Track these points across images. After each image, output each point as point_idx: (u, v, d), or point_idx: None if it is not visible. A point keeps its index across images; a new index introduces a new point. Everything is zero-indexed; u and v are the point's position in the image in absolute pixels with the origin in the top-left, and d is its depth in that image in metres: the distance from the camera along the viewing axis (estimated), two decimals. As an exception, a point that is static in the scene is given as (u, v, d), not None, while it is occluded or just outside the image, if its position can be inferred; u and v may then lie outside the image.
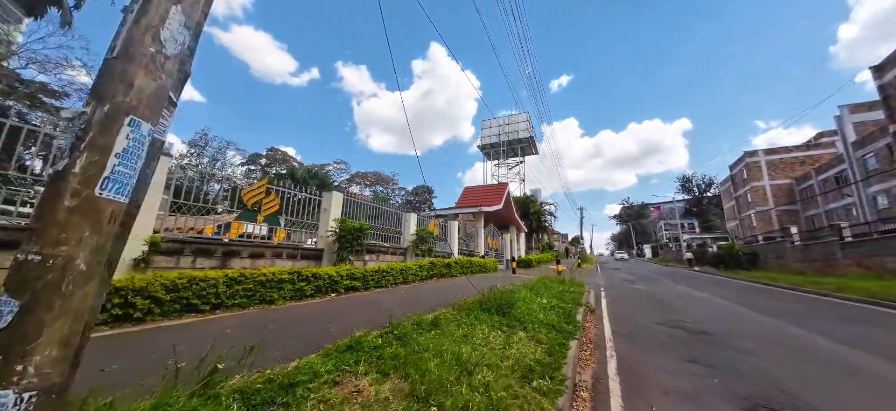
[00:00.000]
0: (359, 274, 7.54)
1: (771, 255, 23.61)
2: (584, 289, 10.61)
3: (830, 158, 34.97)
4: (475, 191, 22.81)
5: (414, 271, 9.84)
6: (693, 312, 7.96)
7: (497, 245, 21.93)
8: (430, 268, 10.74)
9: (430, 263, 10.81)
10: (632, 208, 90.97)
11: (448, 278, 11.77)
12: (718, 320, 7.12)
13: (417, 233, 11.56)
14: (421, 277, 10.23)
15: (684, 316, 7.52)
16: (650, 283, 15.34)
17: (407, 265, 9.75)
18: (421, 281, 10.21)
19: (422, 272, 10.30)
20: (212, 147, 52.93)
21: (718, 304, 9.37)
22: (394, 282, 8.65)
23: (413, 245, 11.41)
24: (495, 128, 39.70)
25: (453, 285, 9.91)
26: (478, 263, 14.57)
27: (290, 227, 8.26)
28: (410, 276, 9.64)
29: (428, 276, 10.69)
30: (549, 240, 42.83)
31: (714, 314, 7.86)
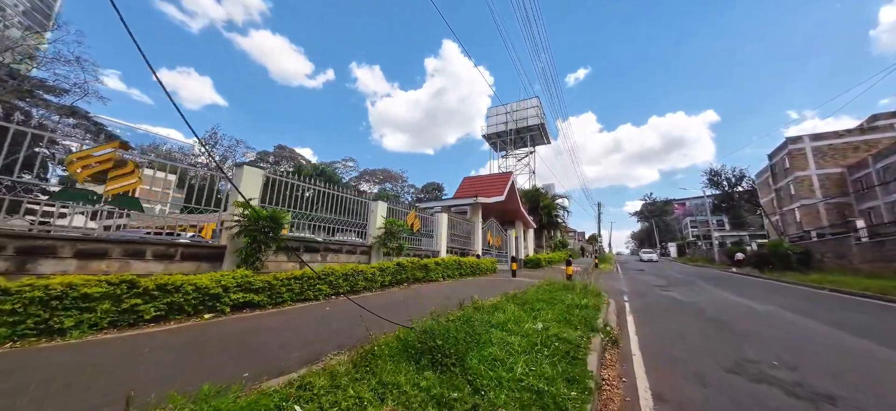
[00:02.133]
0: (260, 283, 5.09)
1: (828, 254, 19.77)
2: (601, 300, 7.84)
3: (891, 142, 30.09)
4: (474, 181, 20.17)
5: (370, 275, 7.35)
6: (772, 343, 5.11)
7: (499, 242, 19.19)
8: (396, 271, 8.23)
9: (397, 265, 8.30)
10: (654, 204, 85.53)
11: (424, 283, 9.23)
12: (825, 362, 4.27)
13: (386, 227, 9.06)
14: (381, 284, 7.73)
15: (762, 350, 4.70)
16: (686, 289, 12.27)
17: (360, 268, 7.26)
18: (381, 288, 7.71)
19: (383, 277, 7.79)
20: (221, 145, 52.56)
21: (800, 326, 6.40)
22: (331, 293, 6.16)
23: (379, 241, 8.92)
24: (503, 115, 36.36)
25: (424, 296, 7.36)
26: (470, 264, 11.94)
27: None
28: (362, 283, 7.15)
29: (393, 282, 8.18)
30: (562, 237, 39.47)
31: (808, 346, 4.99)
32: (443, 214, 12.52)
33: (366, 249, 9.00)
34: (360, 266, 7.49)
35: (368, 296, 6.90)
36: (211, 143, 51.47)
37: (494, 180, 19.69)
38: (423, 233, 12.15)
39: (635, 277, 17.55)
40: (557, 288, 8.95)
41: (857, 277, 15.28)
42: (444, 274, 10.26)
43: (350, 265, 7.51)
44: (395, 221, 9.12)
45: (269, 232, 5.65)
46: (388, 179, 73.13)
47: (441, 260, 10.35)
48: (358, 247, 8.77)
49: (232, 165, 27.95)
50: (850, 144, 33.71)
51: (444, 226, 12.53)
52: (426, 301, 6.68)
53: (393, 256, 9.18)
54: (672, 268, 29.64)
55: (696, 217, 75.11)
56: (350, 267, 7.27)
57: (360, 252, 8.82)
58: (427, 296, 7.25)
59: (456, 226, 15.20)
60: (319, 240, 7.70)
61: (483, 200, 15.48)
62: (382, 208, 9.40)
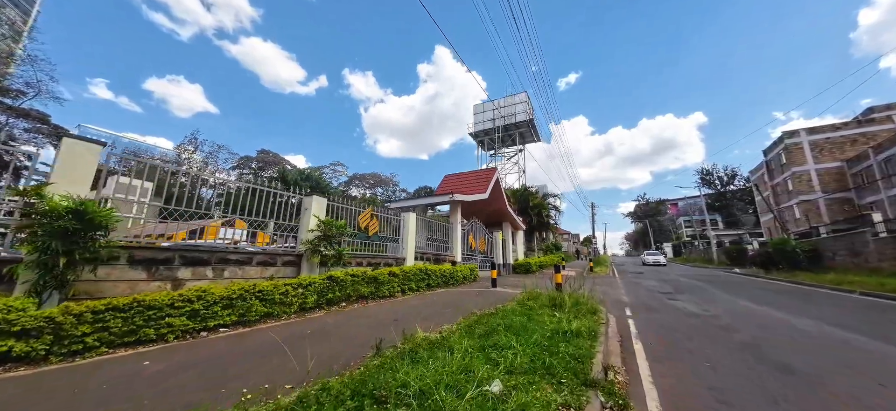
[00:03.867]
0: (36, 322, 2.97)
1: (841, 251, 17.96)
2: (598, 320, 5.81)
3: (889, 135, 28.68)
4: (456, 179, 18.15)
5: (280, 296, 5.23)
6: (844, 382, 3.05)
7: (484, 246, 17.12)
8: (326, 287, 6.11)
9: (326, 280, 6.16)
10: (648, 205, 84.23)
11: (372, 301, 7.10)
12: None
13: (323, 229, 6.94)
14: (300, 306, 5.61)
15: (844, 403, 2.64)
16: (696, 297, 10.28)
17: (265, 286, 5.14)
18: (299, 313, 5.60)
19: (304, 296, 5.69)
20: (202, 150, 50.14)
21: (875, 353, 4.38)
22: (193, 328, 4.03)
23: (311, 248, 6.79)
24: (490, 112, 34.31)
25: (350, 325, 5.26)
26: (442, 273, 9.85)
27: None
28: (261, 308, 5.00)
29: (322, 303, 6.05)
30: (554, 239, 37.49)
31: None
32: (409, 214, 10.42)
33: (293, 259, 6.86)
34: (269, 284, 5.36)
35: (265, 328, 4.78)
36: (191, 149, 49.09)
37: (477, 177, 17.67)
38: (387, 238, 10.05)
39: (635, 283, 15.54)
40: (542, 303, 6.89)
41: (881, 277, 13.44)
42: (403, 287, 8.15)
43: (264, 282, 5.40)
44: (332, 222, 6.99)
45: (79, 235, 3.51)
46: (378, 183, 71.00)
47: (401, 269, 8.24)
48: (279, 256, 6.62)
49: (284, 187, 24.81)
50: (848, 138, 32.30)
51: (412, 228, 10.44)
52: (346, 335, 4.59)
53: (333, 266, 7.05)
54: (672, 269, 27.74)
55: (691, 216, 73.79)
56: (262, 285, 5.15)
57: (284, 262, 6.68)
58: (354, 326, 5.14)
59: (431, 229, 13.12)
60: (203, 247, 5.53)
61: (461, 198, 13.42)
62: (318, 205, 7.28)
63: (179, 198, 5.57)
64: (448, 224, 13.40)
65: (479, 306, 6.91)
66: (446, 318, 5.52)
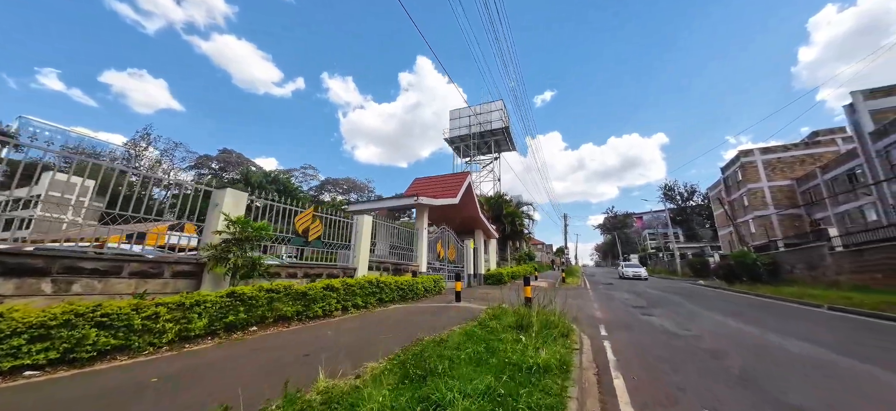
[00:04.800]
0: None
1: (799, 265, 18.35)
2: (570, 344, 4.74)
3: (833, 157, 30.71)
4: (425, 182, 16.99)
5: (141, 322, 3.75)
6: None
7: (454, 255, 15.95)
8: (224, 307, 4.68)
9: (225, 298, 4.72)
10: (616, 217, 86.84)
11: (298, 324, 5.69)
12: None
13: (235, 230, 5.47)
14: (176, 336, 4.13)
15: None
16: (671, 312, 9.58)
17: (109, 307, 3.63)
18: (174, 345, 4.11)
19: (186, 322, 4.20)
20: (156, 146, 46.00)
21: (884, 382, 3.56)
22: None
23: (215, 253, 5.28)
24: (466, 118, 33.64)
25: (245, 362, 3.88)
26: (399, 286, 8.52)
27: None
28: (106, 341, 3.49)
29: (213, 330, 4.62)
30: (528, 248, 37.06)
31: None
32: (363, 217, 9.05)
33: (190, 269, 5.32)
34: (127, 303, 3.85)
35: (102, 371, 3.29)
36: (143, 145, 44.91)
37: (448, 181, 16.57)
38: (338, 245, 8.61)
39: (608, 295, 14.88)
40: (507, 323, 5.76)
41: (841, 291, 13.55)
42: (344, 303, 6.75)
43: (118, 302, 3.89)
44: (246, 222, 5.52)
45: None
46: (353, 189, 68.48)
47: (344, 283, 6.84)
48: (168, 264, 5.07)
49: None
50: (797, 158, 34.36)
51: (366, 234, 9.06)
52: (216, 384, 3.20)
53: (247, 278, 5.57)
54: (641, 281, 27.80)
55: (655, 229, 76.68)
56: (112, 306, 3.65)
57: (176, 273, 5.13)
58: (241, 366, 3.75)
59: (395, 236, 11.77)
60: (40, 251, 3.95)
61: (427, 201, 12.20)
62: (233, 200, 5.78)
63: (127, 198, 5.12)
64: (410, 230, 12.11)
65: (433, 328, 5.66)
66: (381, 348, 4.24)
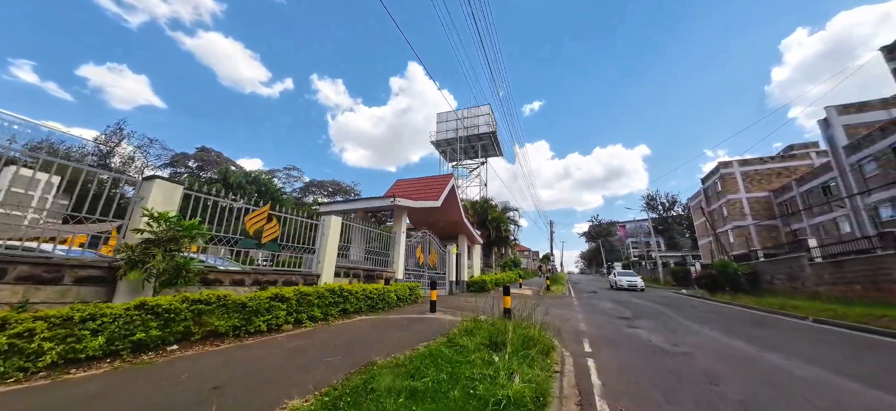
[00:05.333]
0: None
1: (779, 275, 18.34)
2: (551, 364, 4.03)
3: (807, 170, 31.57)
4: (407, 184, 16.21)
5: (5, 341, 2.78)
6: None
7: (435, 261, 15.14)
8: (131, 323, 3.75)
9: (133, 311, 3.80)
10: (600, 226, 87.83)
11: (234, 341, 4.81)
12: None
13: (159, 228, 4.55)
14: (59, 358, 3.21)
15: None
16: (658, 324, 9.03)
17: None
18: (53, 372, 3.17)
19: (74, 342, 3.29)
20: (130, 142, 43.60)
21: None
22: None
23: (133, 256, 4.35)
24: (453, 122, 33.09)
25: (128, 398, 2.95)
26: (366, 295, 7.66)
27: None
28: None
29: (115, 349, 3.73)
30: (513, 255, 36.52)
31: None
32: (330, 218, 8.17)
33: (100, 274, 4.37)
34: None
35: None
36: (115, 141, 42.50)
37: (430, 183, 15.83)
38: (302, 248, 7.71)
39: (591, 305, 14.36)
40: (480, 339, 5.01)
41: (822, 302, 13.41)
42: (297, 315, 5.85)
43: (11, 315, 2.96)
44: (171, 218, 4.61)
45: None
46: (338, 192, 66.86)
47: (298, 291, 5.95)
48: (69, 268, 4.12)
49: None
50: (773, 170, 35.23)
51: (333, 237, 8.17)
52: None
53: (175, 285, 4.65)
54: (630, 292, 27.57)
55: (637, 238, 77.85)
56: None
57: (79, 279, 4.18)
58: (113, 405, 2.86)
59: (371, 239, 10.90)
60: None
61: (405, 203, 11.39)
62: (162, 193, 4.87)
63: (97, 196, 4.64)
64: (386, 233, 11.26)
65: (394, 346, 4.85)
66: (318, 377, 3.41)
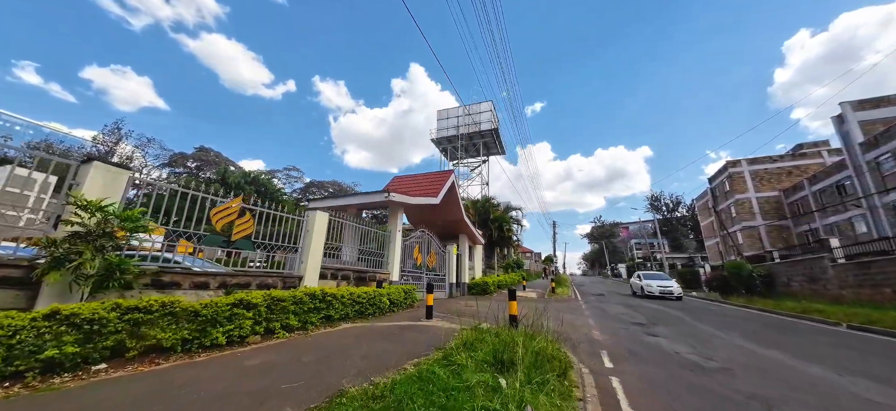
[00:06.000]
0: None
1: (797, 277, 17.31)
2: (570, 391, 3.10)
3: (819, 169, 30.46)
4: (405, 181, 15.32)
5: None
6: None
7: (434, 261, 14.25)
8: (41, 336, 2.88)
9: (42, 320, 2.94)
10: (603, 227, 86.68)
11: (184, 358, 3.94)
12: None
13: (90, 220, 3.68)
14: None
15: None
16: (677, 332, 8.09)
17: None
18: None
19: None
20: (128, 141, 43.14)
21: None
22: None
23: (56, 254, 3.47)
24: (454, 119, 32.13)
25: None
26: (353, 300, 6.77)
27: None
28: None
29: (19, 371, 2.82)
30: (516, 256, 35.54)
31: None
32: (316, 214, 7.30)
33: (20, 275, 3.52)
34: None
35: None
36: (113, 141, 42.03)
37: (429, 179, 14.96)
38: (280, 246, 6.85)
39: (601, 309, 13.41)
40: (483, 355, 4.11)
41: (847, 306, 12.42)
42: (269, 323, 4.97)
43: None
44: (107, 210, 3.75)
45: None
46: (339, 193, 66.30)
47: (270, 297, 5.08)
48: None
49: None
50: (784, 169, 34.09)
51: (318, 234, 7.30)
52: None
53: (99, 291, 3.78)
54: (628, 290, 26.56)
55: (641, 239, 76.62)
56: None
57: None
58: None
59: (365, 239, 10.01)
60: None
61: (401, 199, 10.51)
62: (100, 178, 4.01)
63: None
64: (381, 232, 10.38)
65: (376, 366, 3.96)
66: None
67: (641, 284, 19.16)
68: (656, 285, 18.13)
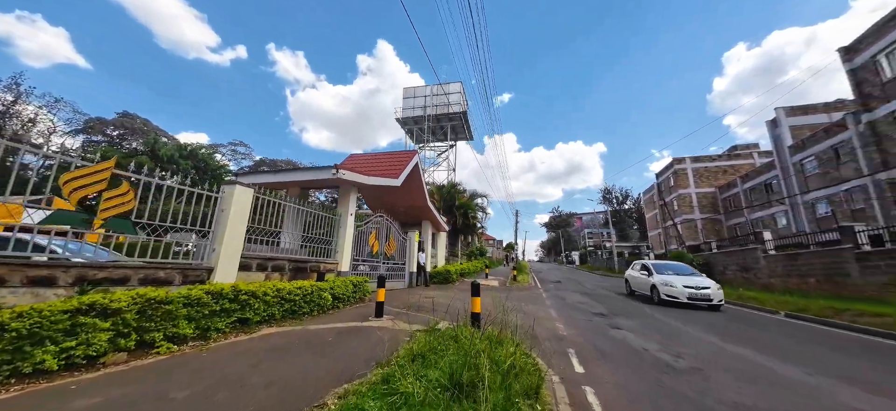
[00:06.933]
0: None
1: (732, 266, 18.65)
2: None
3: (750, 168, 33.58)
4: (362, 159, 13.85)
5: None
6: None
7: (393, 249, 13.08)
8: None
9: None
10: (560, 217, 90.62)
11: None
12: None
13: None
14: None
15: None
16: (640, 325, 7.79)
17: None
18: None
19: None
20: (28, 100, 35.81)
21: None
22: None
23: None
24: (421, 98, 30.33)
25: None
26: (281, 297, 5.44)
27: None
28: None
29: None
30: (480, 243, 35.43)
31: None
32: (234, 189, 5.77)
33: None
34: None
35: None
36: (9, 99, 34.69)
37: (390, 159, 13.61)
38: (187, 229, 5.27)
39: (560, 298, 13.22)
40: (436, 374, 3.11)
41: (776, 294, 13.42)
42: (145, 334, 3.56)
43: None
44: None
45: None
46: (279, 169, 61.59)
47: (143, 299, 3.64)
48: None
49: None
50: (720, 168, 37.19)
51: (236, 215, 5.79)
52: None
53: None
54: (585, 278, 27.53)
55: (593, 229, 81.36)
56: None
57: None
58: None
59: (307, 223, 8.53)
60: None
61: (353, 178, 9.13)
62: None
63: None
64: (328, 215, 8.96)
65: (282, 402, 2.81)
66: None
67: (652, 282, 11.70)
68: (682, 286, 10.65)
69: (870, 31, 15.90)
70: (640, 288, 12.88)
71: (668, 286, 11.05)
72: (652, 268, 12.44)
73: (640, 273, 13.10)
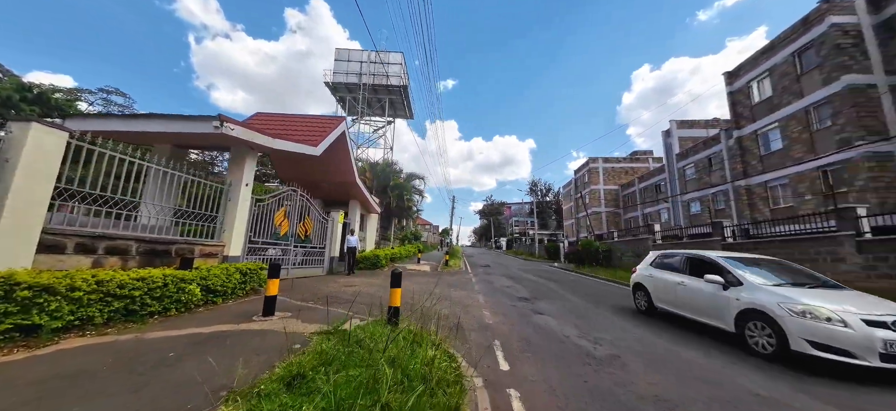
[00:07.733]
0: None
1: (628, 253, 21.33)
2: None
3: (646, 171, 39.18)
4: (275, 120, 11.59)
5: None
6: None
7: (309, 229, 11.35)
8: None
9: None
10: (493, 205, 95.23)
11: None
12: None
13: None
14: None
15: None
16: (559, 308, 7.91)
17: None
18: None
19: None
20: None
21: None
22: None
23: None
24: (357, 64, 27.08)
25: None
26: (102, 292, 3.72)
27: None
28: None
29: None
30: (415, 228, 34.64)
31: None
32: (28, 129, 3.76)
33: None
34: None
35: None
36: None
37: (308, 123, 11.65)
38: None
39: (489, 282, 13.23)
40: (321, 404, 2.12)
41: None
42: None
43: None
44: None
45: None
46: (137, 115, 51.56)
47: None
48: None
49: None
50: (623, 169, 42.64)
51: (28, 170, 3.80)
52: None
53: None
54: (508, 261, 28.99)
55: (519, 218, 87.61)
56: None
57: None
58: None
59: (184, 191, 6.46)
60: None
61: (251, 138, 7.26)
62: None
63: None
64: (211, 183, 7.00)
65: None
66: None
67: (669, 281, 6.49)
68: (701, 285, 5.63)
69: (747, 60, 19.14)
70: (693, 309, 5.85)
71: (688, 290, 5.84)
72: (727, 265, 5.48)
73: (688, 279, 6.02)
